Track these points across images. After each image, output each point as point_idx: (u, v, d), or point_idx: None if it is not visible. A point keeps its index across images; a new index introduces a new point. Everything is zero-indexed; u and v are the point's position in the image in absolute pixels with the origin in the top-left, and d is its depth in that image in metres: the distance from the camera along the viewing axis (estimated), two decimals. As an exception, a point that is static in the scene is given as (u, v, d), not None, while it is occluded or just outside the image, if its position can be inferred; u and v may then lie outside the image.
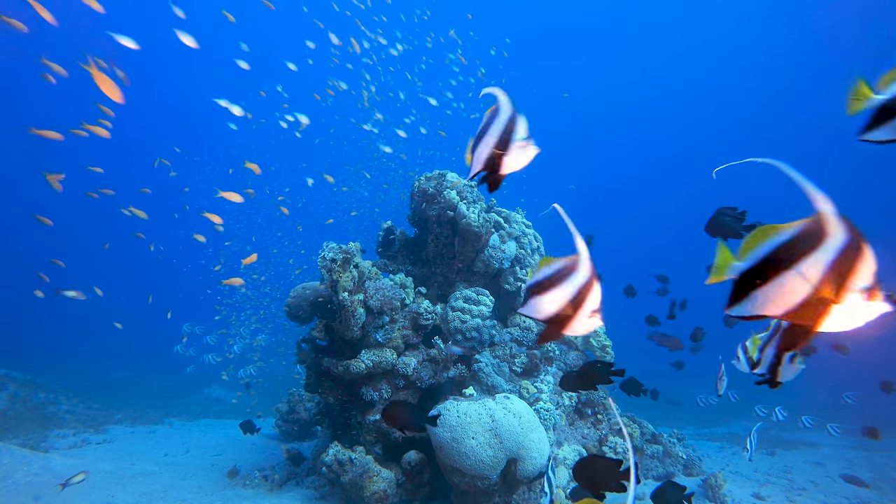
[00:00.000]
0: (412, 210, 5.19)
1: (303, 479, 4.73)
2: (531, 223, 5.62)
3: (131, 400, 9.25)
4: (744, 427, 9.03)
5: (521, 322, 4.95)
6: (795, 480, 5.40)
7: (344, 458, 3.84)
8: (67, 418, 7.13)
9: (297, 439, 6.66)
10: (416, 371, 4.18)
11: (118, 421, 7.50)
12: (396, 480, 3.82)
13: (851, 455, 6.73)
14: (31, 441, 5.79)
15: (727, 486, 4.65)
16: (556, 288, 1.15)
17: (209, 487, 4.60)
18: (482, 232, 4.59)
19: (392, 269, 5.07)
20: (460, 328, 4.38)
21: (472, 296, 4.53)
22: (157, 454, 5.82)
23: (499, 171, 1.27)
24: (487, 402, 3.59)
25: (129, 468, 4.97)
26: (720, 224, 2.42)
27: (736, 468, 5.88)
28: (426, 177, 5.03)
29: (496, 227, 5.09)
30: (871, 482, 5.48)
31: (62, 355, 12.77)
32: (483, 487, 3.40)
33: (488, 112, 1.29)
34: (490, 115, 1.28)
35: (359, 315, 3.94)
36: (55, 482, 4.28)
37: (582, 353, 4.95)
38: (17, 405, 7.11)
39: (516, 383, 4.42)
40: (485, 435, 3.35)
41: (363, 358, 4.04)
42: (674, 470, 5.30)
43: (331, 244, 4.04)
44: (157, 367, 12.35)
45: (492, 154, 1.26)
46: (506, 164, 1.26)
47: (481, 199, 5.03)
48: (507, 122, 1.23)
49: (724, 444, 7.56)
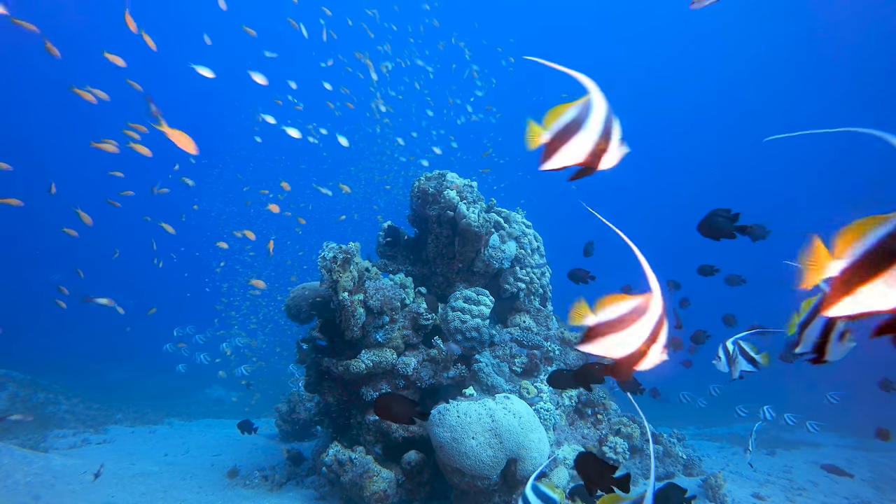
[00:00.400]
0: (412, 210, 5.19)
1: (303, 479, 4.73)
2: (531, 223, 5.62)
3: (131, 400, 9.25)
4: (744, 427, 9.04)
5: (521, 322, 4.95)
6: (795, 480, 5.40)
7: (344, 458, 3.84)
8: (67, 418, 7.13)
9: (297, 439, 6.66)
10: (416, 371, 4.18)
11: (118, 421, 7.50)
12: (396, 480, 3.82)
13: (852, 455, 6.73)
14: (31, 441, 5.79)
15: (727, 486, 4.65)
16: (631, 327, 1.14)
17: (209, 487, 4.60)
18: (482, 232, 4.59)
19: (392, 269, 5.07)
20: (460, 328, 4.38)
21: (472, 296, 4.53)
22: (157, 454, 5.82)
23: (596, 166, 1.25)
24: (487, 402, 3.60)
25: (129, 468, 4.97)
26: (712, 224, 2.42)
27: (736, 468, 5.88)
28: (426, 177, 5.03)
29: (496, 227, 5.09)
30: (871, 482, 5.48)
31: (62, 355, 12.77)
32: (483, 487, 3.40)
33: (574, 104, 1.24)
34: (582, 108, 1.23)
35: (359, 315, 3.94)
36: (55, 482, 4.28)
37: (582, 353, 4.95)
38: (17, 405, 7.11)
39: (516, 383, 4.42)
40: (485, 435, 3.35)
41: (363, 358, 4.04)
42: (674, 470, 5.30)
43: (331, 244, 4.04)
44: (157, 367, 12.33)
45: (595, 149, 1.23)
46: (604, 161, 1.24)
47: (481, 198, 5.03)
48: (607, 118, 1.21)
49: (724, 444, 7.56)
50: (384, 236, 5.21)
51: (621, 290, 5.16)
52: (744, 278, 4.72)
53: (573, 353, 4.92)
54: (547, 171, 1.27)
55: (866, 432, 7.75)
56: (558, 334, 5.04)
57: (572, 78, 1.20)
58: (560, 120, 1.24)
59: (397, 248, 5.20)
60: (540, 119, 1.26)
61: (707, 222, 2.43)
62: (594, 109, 1.21)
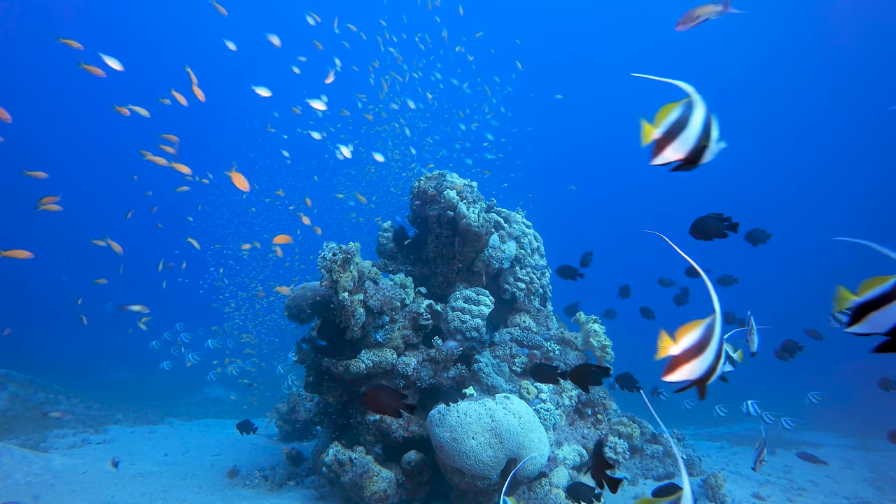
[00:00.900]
0: (412, 210, 5.19)
1: (303, 479, 4.73)
2: (531, 223, 5.62)
3: (131, 400, 9.25)
4: (744, 427, 9.04)
5: (521, 322, 4.95)
6: (795, 480, 5.40)
7: (344, 458, 3.84)
8: (67, 418, 7.12)
9: (297, 439, 6.67)
10: (416, 371, 4.18)
11: (118, 421, 7.50)
12: (396, 480, 3.82)
13: (852, 455, 6.73)
14: (31, 441, 5.79)
15: (727, 485, 4.65)
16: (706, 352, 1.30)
17: (209, 487, 4.60)
18: (482, 232, 4.60)
19: (392, 269, 5.07)
20: (460, 328, 4.38)
21: (472, 296, 4.53)
22: (156, 454, 5.82)
23: (697, 161, 1.40)
24: (487, 402, 3.60)
25: (129, 468, 4.97)
26: (704, 227, 2.47)
27: (736, 468, 5.88)
28: (426, 177, 5.03)
29: (496, 227, 5.09)
30: (871, 482, 5.48)
31: (62, 355, 12.77)
32: (483, 487, 3.40)
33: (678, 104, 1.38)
34: (686, 108, 1.37)
35: (359, 315, 3.94)
36: (55, 482, 4.28)
37: (582, 354, 4.95)
38: (17, 405, 7.11)
39: (516, 383, 4.42)
40: (485, 435, 3.35)
41: (363, 358, 4.04)
42: (674, 470, 5.30)
43: (331, 244, 4.04)
44: (157, 367, 12.34)
45: (697, 146, 1.37)
46: (705, 156, 1.39)
47: (481, 198, 5.03)
48: (706, 117, 1.36)
49: (724, 445, 7.56)
50: (391, 236, 5.21)
51: (619, 290, 5.17)
52: (735, 278, 4.75)
53: (573, 352, 4.92)
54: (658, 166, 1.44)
55: (866, 432, 7.76)
56: (558, 334, 5.04)
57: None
58: (668, 119, 1.39)
59: (401, 247, 5.19)
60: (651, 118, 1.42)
61: (698, 225, 2.49)
62: (695, 110, 1.36)
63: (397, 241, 5.16)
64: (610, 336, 4.93)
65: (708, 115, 1.35)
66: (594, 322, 4.97)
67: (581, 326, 5.06)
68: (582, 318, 5.06)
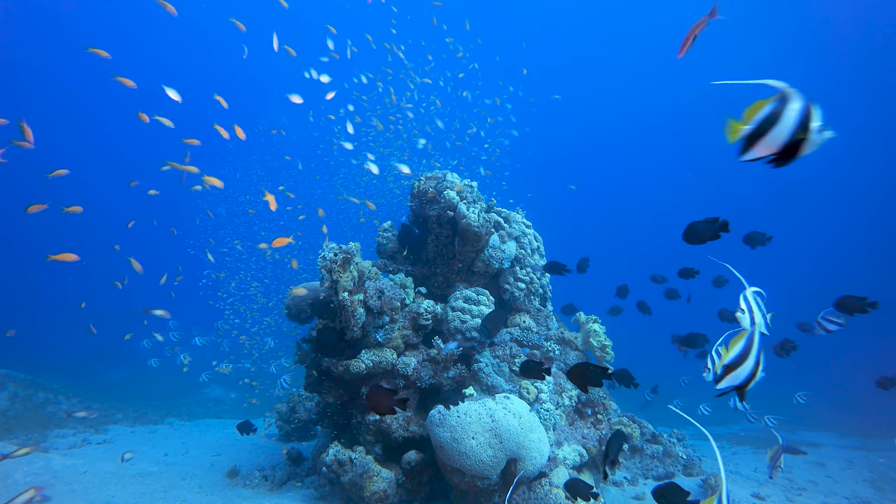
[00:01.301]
0: (412, 210, 5.19)
1: (303, 479, 4.73)
2: (531, 223, 5.62)
3: (131, 400, 9.25)
4: (743, 427, 9.04)
5: (521, 322, 4.95)
6: (795, 480, 5.40)
7: (344, 458, 3.84)
8: (80, 414, 7.12)
9: (297, 439, 6.67)
10: (416, 371, 4.18)
11: (118, 421, 7.51)
12: (396, 480, 3.82)
13: (852, 455, 6.73)
14: (31, 441, 5.79)
15: (727, 485, 4.65)
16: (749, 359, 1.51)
17: (209, 487, 4.60)
18: (482, 232, 4.60)
19: (392, 269, 5.07)
20: (460, 328, 4.38)
21: (472, 296, 4.53)
22: (156, 454, 5.82)
23: (795, 155, 1.38)
24: (487, 402, 3.60)
25: (129, 468, 4.98)
26: (696, 231, 2.48)
27: (736, 468, 5.88)
28: (426, 177, 5.03)
29: (496, 227, 5.09)
30: (871, 482, 5.48)
31: (61, 355, 12.77)
32: (483, 487, 3.40)
33: (769, 101, 1.36)
34: (778, 104, 1.34)
35: (359, 315, 3.94)
36: (55, 482, 4.29)
37: (581, 354, 4.95)
38: (17, 405, 7.11)
39: (516, 383, 4.42)
40: (485, 435, 3.35)
41: (363, 358, 4.04)
42: (674, 470, 5.31)
43: (331, 244, 4.04)
44: (157, 367, 12.34)
45: (791, 140, 1.34)
46: (805, 149, 1.35)
47: (481, 198, 5.03)
48: (803, 111, 1.32)
49: (724, 445, 7.56)
50: (391, 236, 5.20)
51: (616, 290, 5.17)
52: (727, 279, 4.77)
53: (573, 352, 4.92)
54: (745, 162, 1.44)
55: (867, 431, 7.76)
56: (558, 334, 5.04)
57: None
58: (758, 115, 1.38)
59: (401, 246, 5.19)
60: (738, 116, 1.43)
61: (690, 230, 2.50)
62: (789, 105, 1.33)
63: (397, 241, 5.16)
64: (610, 336, 4.93)
65: (805, 108, 1.31)
66: (594, 322, 4.97)
67: (581, 326, 5.07)
68: (582, 318, 5.06)
